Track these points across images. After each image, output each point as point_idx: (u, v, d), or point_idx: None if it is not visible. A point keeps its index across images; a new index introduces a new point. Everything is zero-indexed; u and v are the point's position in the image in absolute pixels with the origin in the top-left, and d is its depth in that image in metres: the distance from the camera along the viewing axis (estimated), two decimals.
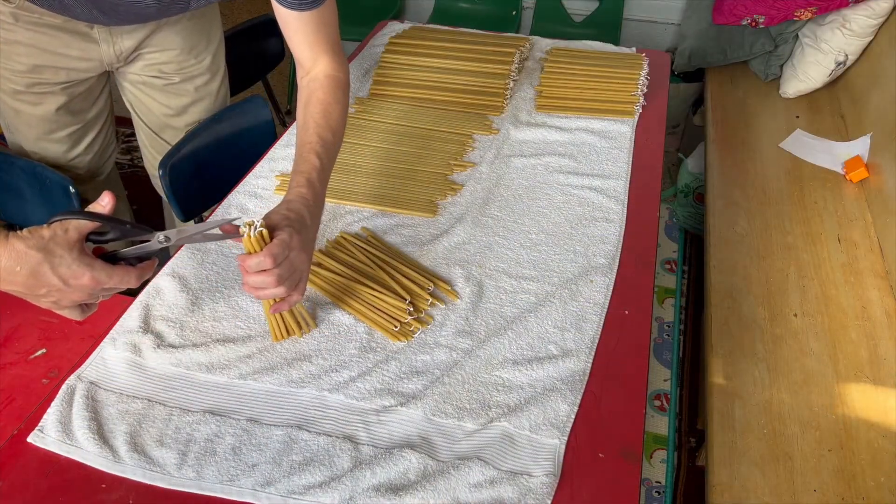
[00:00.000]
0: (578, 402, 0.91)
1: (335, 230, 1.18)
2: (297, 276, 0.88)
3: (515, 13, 2.85)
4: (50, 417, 0.86)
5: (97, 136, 1.42)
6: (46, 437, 0.84)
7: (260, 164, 1.33)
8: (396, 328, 0.99)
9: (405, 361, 0.96)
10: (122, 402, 0.89)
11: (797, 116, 2.09)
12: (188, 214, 1.45)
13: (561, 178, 1.32)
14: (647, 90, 1.54)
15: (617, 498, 0.81)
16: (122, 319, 0.99)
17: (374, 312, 1.01)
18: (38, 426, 0.85)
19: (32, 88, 1.26)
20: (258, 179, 1.29)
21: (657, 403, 1.88)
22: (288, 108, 2.91)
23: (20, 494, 0.79)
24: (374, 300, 1.03)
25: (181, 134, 1.43)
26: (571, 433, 0.87)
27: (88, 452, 0.82)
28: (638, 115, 1.50)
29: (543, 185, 1.31)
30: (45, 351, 0.98)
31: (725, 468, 1.19)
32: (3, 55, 1.20)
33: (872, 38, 2.01)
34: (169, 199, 1.41)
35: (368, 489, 0.80)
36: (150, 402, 0.89)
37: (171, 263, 1.09)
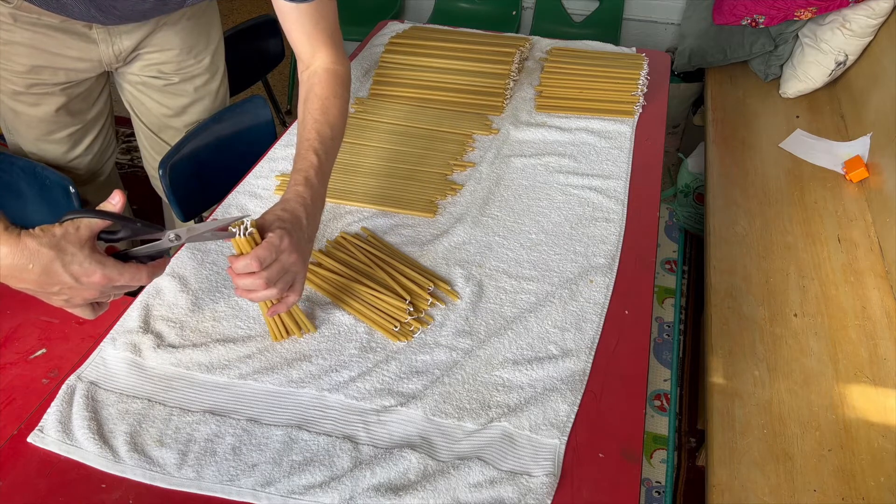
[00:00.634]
0: (578, 402, 0.91)
1: (335, 230, 1.18)
2: (289, 277, 0.86)
3: (515, 13, 2.85)
4: (50, 417, 0.86)
5: (97, 136, 1.42)
6: (46, 437, 0.84)
7: (260, 164, 1.33)
8: (396, 328, 0.99)
9: (405, 361, 0.96)
10: (122, 402, 0.89)
11: (797, 116, 2.09)
12: (188, 214, 1.45)
13: (561, 178, 1.32)
14: (647, 90, 1.54)
15: (617, 498, 0.81)
16: (122, 319, 0.99)
17: (374, 312, 1.01)
18: (38, 426, 0.85)
19: (31, 89, 1.26)
20: (258, 179, 1.29)
21: (657, 403, 1.88)
22: (288, 107, 2.91)
23: (20, 494, 0.79)
24: (374, 300, 1.03)
25: (181, 134, 1.43)
26: (571, 433, 0.87)
27: (88, 452, 0.82)
28: (638, 115, 1.50)
29: (543, 185, 1.31)
30: (45, 351, 0.98)
31: (725, 468, 1.19)
32: (2, 56, 1.19)
33: (872, 38, 2.01)
34: (169, 199, 1.41)
35: (368, 489, 0.80)
36: (150, 402, 0.89)
37: (171, 263, 1.09)
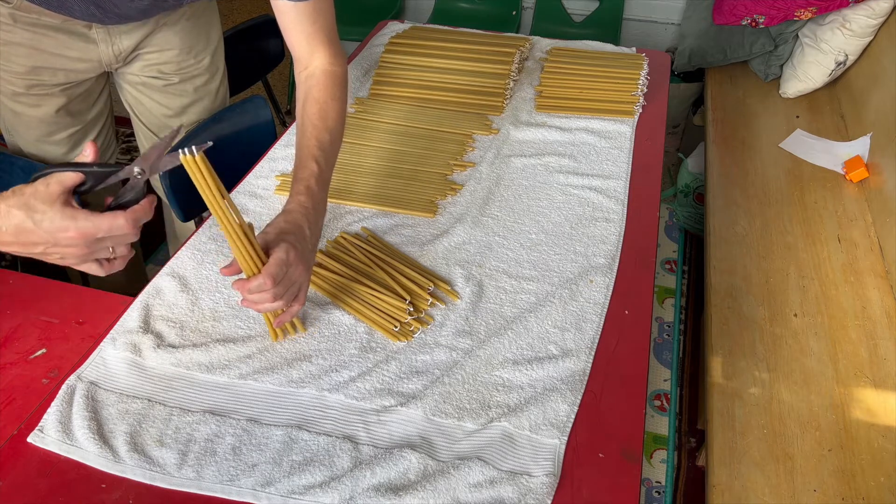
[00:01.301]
0: (578, 402, 0.91)
1: (335, 230, 1.18)
2: (294, 288, 0.90)
3: (515, 13, 2.85)
4: (50, 417, 0.86)
5: (97, 137, 1.42)
6: (46, 437, 0.84)
7: (260, 164, 1.33)
8: (396, 328, 0.99)
9: (405, 361, 0.96)
10: (122, 402, 0.89)
11: (797, 116, 2.09)
12: (188, 214, 1.45)
13: (561, 178, 1.32)
14: (647, 90, 1.54)
15: (617, 498, 0.81)
16: (122, 319, 0.99)
17: (374, 312, 1.01)
18: (38, 426, 0.85)
19: (31, 90, 1.26)
20: (258, 179, 1.29)
21: (657, 403, 1.88)
22: (288, 107, 2.91)
23: (20, 494, 0.79)
24: (374, 300, 1.03)
25: (181, 135, 1.43)
26: (571, 433, 0.87)
27: (88, 452, 0.82)
28: (638, 115, 1.50)
29: (543, 185, 1.31)
30: (45, 351, 0.98)
31: (725, 468, 1.19)
32: (2, 57, 1.19)
33: (872, 38, 2.01)
34: (169, 199, 1.41)
35: (368, 489, 0.80)
36: (150, 402, 0.89)
37: (171, 263, 1.09)
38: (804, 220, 1.70)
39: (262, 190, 1.26)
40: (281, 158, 1.34)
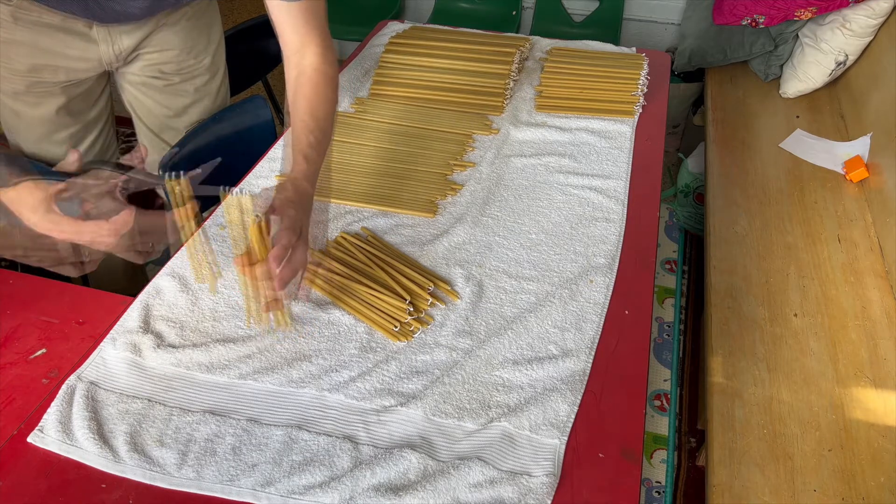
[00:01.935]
0: (578, 402, 0.91)
1: (335, 230, 1.18)
2: (295, 277, 0.90)
3: (515, 13, 2.85)
4: (50, 417, 0.86)
5: (97, 137, 1.42)
6: (46, 437, 0.84)
7: (260, 163, 1.33)
8: (396, 328, 0.99)
9: (405, 361, 0.96)
10: (122, 402, 0.89)
11: (797, 116, 2.09)
12: None
13: (561, 178, 1.32)
14: (647, 90, 1.54)
15: (617, 498, 0.81)
16: (122, 319, 0.99)
17: (374, 312, 1.01)
18: (38, 426, 0.85)
19: (32, 89, 1.26)
20: (258, 179, 1.29)
21: (657, 403, 1.88)
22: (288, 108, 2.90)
23: (20, 494, 0.79)
24: (374, 300, 1.03)
25: (181, 135, 1.43)
26: (571, 433, 0.87)
27: (88, 452, 0.82)
28: (638, 115, 1.50)
29: (543, 185, 1.31)
30: (45, 351, 0.98)
31: (725, 468, 1.19)
32: (2, 56, 1.19)
33: (872, 38, 2.01)
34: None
35: (368, 489, 0.80)
36: (150, 402, 0.89)
37: (170, 263, 1.09)
38: (804, 220, 1.70)
39: (261, 190, 1.26)
40: (281, 158, 1.34)
